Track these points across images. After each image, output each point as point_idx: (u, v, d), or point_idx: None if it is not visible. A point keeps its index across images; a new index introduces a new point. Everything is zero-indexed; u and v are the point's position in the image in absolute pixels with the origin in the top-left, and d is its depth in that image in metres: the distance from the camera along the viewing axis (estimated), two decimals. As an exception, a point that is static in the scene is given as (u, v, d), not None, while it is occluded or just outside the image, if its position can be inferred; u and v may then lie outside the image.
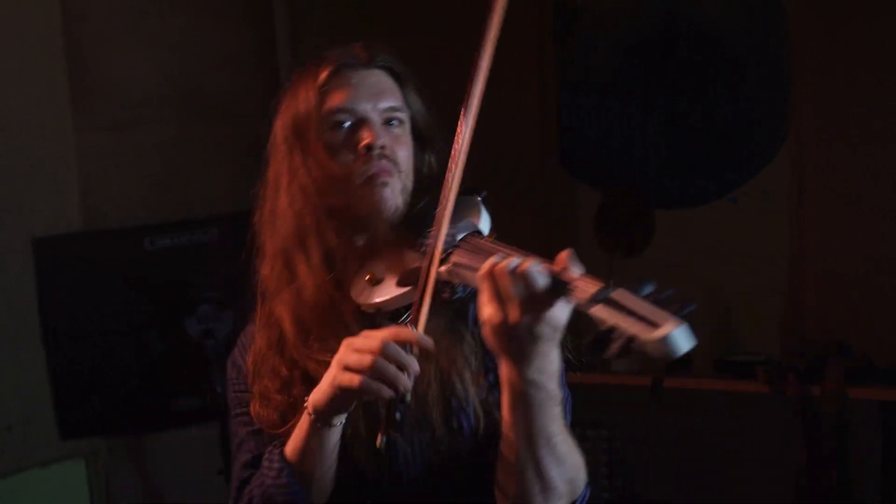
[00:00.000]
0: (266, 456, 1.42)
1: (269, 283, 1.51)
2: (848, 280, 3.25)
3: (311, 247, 1.44)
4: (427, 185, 1.46)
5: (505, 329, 1.14)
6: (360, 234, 1.43)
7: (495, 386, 1.38)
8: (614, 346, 0.97)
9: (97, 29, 3.11)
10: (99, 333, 2.71)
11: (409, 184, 1.44)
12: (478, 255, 1.23)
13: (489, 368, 1.41)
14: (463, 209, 1.38)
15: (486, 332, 1.17)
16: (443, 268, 1.28)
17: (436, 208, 1.36)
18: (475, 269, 1.20)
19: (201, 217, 2.94)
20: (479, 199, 1.43)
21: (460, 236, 1.33)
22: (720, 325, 3.49)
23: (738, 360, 3.31)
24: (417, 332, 1.27)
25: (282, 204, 1.47)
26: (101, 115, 3.14)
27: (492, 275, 1.14)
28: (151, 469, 3.26)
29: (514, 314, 1.13)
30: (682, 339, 0.91)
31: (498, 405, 1.32)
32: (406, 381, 1.26)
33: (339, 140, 1.42)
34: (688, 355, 0.93)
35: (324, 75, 1.43)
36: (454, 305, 1.34)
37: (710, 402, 3.32)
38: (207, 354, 2.67)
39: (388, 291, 1.35)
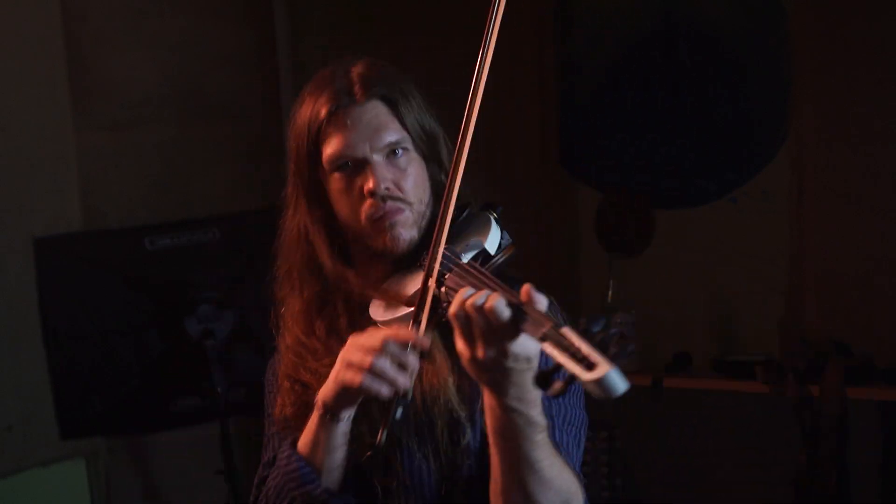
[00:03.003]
0: (279, 451, 1.45)
1: (277, 302, 1.55)
2: (848, 280, 3.25)
3: (300, 285, 1.49)
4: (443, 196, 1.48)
5: (476, 362, 1.16)
6: (380, 259, 1.45)
7: None
8: (557, 385, 1.00)
9: (97, 29, 3.11)
10: (99, 333, 2.71)
11: (424, 207, 1.45)
12: (464, 281, 1.25)
13: None
14: (473, 227, 1.39)
15: (463, 364, 1.19)
16: (442, 289, 1.30)
17: (452, 221, 1.38)
18: None
19: (201, 217, 2.94)
20: (493, 215, 1.43)
21: (468, 256, 1.35)
22: (720, 325, 3.49)
23: (737, 361, 3.31)
24: (417, 332, 1.30)
25: (288, 232, 1.51)
26: (102, 115, 3.14)
27: (459, 312, 1.16)
28: (151, 469, 3.26)
29: (480, 349, 1.15)
30: (615, 382, 0.94)
31: None
32: (405, 381, 1.29)
33: (343, 185, 1.42)
34: (688, 355, 0.95)
35: (321, 118, 1.42)
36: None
37: (709, 402, 3.31)
38: (207, 354, 2.67)
39: (399, 310, 1.37)
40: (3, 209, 2.90)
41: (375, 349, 1.28)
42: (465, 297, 1.16)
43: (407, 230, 1.41)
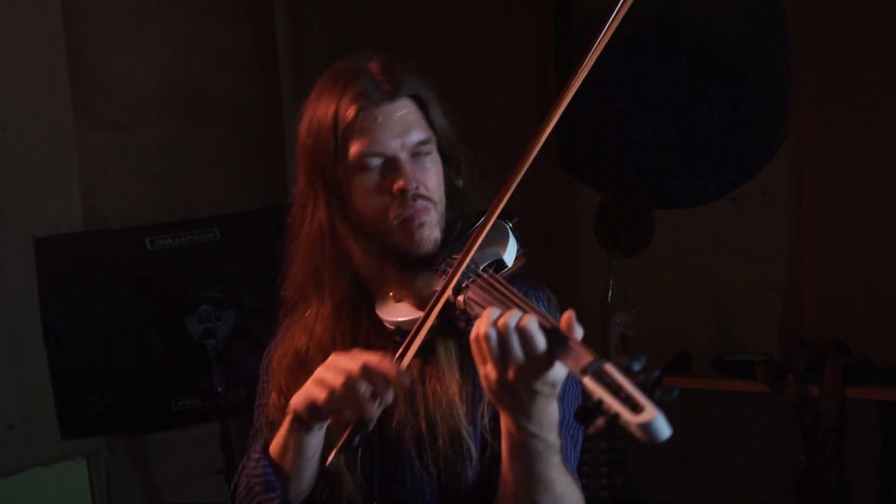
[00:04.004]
0: (252, 447, 1.44)
1: (290, 304, 1.53)
2: (847, 280, 3.25)
3: (324, 286, 1.45)
4: (455, 201, 1.46)
5: (503, 386, 1.13)
6: (395, 258, 1.42)
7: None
8: (599, 422, 0.98)
9: (98, 30, 3.11)
10: (100, 333, 2.71)
11: (443, 207, 1.44)
12: (491, 299, 1.22)
13: None
14: (491, 236, 1.35)
15: (485, 388, 1.16)
16: (459, 297, 1.27)
17: (463, 226, 1.37)
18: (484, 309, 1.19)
19: (202, 217, 2.94)
20: (510, 225, 1.43)
21: (483, 265, 1.32)
22: (720, 325, 3.49)
23: (737, 360, 3.31)
24: (400, 366, 1.26)
25: (303, 234, 1.47)
26: (102, 116, 3.14)
27: (489, 331, 1.12)
28: (152, 469, 3.27)
29: (511, 372, 1.11)
30: (662, 428, 0.93)
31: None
32: (372, 411, 1.26)
33: (371, 184, 1.40)
34: (688, 355, 0.95)
35: (349, 114, 1.38)
36: (468, 333, 1.33)
37: (709, 402, 3.32)
38: (208, 354, 2.67)
39: (408, 312, 1.36)
40: (3, 209, 2.91)
41: (352, 373, 1.26)
42: (496, 315, 1.12)
43: (432, 230, 1.40)
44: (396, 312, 1.37)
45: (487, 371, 1.14)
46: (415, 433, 1.39)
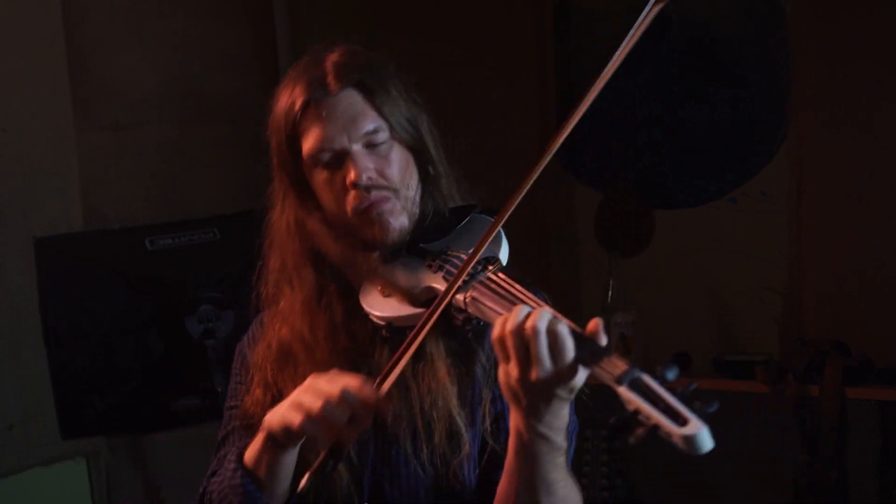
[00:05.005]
0: (227, 455, 1.43)
1: (268, 298, 1.51)
2: (847, 280, 3.25)
3: (293, 278, 1.44)
4: (429, 189, 1.44)
5: (523, 386, 1.12)
6: (369, 249, 1.41)
7: (501, 414, 1.38)
8: (639, 432, 0.96)
9: (98, 30, 3.12)
10: (100, 333, 2.71)
11: (413, 194, 1.41)
12: (500, 298, 1.21)
13: (497, 396, 1.39)
14: (481, 233, 1.34)
15: (502, 384, 1.15)
16: (460, 295, 1.25)
17: (434, 216, 1.35)
18: (495, 310, 1.18)
19: (201, 217, 2.94)
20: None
21: (479, 266, 1.30)
22: (720, 325, 3.49)
23: (737, 360, 3.31)
24: (380, 393, 1.24)
25: (278, 228, 1.47)
26: (102, 116, 3.14)
27: (520, 331, 1.10)
28: (152, 469, 3.27)
29: (536, 373, 1.09)
30: (706, 440, 0.93)
31: (504, 433, 1.33)
32: (348, 437, 1.24)
33: (324, 179, 1.39)
34: (688, 355, 0.95)
35: (297, 111, 1.38)
36: (465, 332, 1.31)
37: (709, 402, 3.32)
38: (208, 354, 2.67)
39: (399, 307, 1.33)
40: (3, 209, 2.91)
41: (330, 397, 1.23)
42: (523, 314, 1.11)
43: (396, 218, 1.38)
44: (386, 307, 1.35)
45: (509, 369, 1.12)
46: (410, 431, 1.38)
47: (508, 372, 1.12)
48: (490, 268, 1.29)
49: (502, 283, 1.24)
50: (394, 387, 1.28)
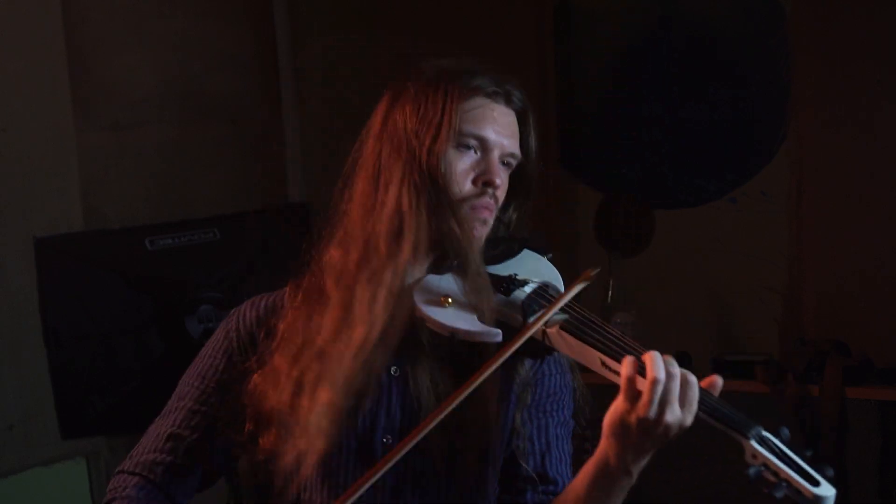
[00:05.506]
0: (151, 435, 1.56)
1: (347, 268, 1.41)
2: (847, 280, 3.25)
3: (404, 243, 1.38)
4: (497, 225, 1.48)
5: (641, 426, 1.18)
6: (438, 250, 1.41)
7: (530, 438, 1.43)
8: (776, 491, 1.10)
9: (98, 29, 3.11)
10: (100, 333, 2.71)
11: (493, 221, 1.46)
12: (588, 336, 1.29)
13: (527, 419, 1.44)
14: (539, 267, 1.46)
15: (612, 419, 1.21)
16: (548, 328, 1.32)
17: (503, 244, 1.44)
18: (577, 351, 1.28)
19: (201, 217, 2.94)
20: (548, 258, 1.51)
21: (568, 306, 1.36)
22: (720, 325, 3.49)
23: (737, 360, 3.31)
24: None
25: (387, 198, 1.39)
26: (102, 116, 3.14)
27: (659, 375, 1.16)
28: (152, 469, 3.26)
29: (662, 418, 1.17)
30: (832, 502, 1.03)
31: (529, 457, 1.40)
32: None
33: (462, 162, 1.40)
34: (688, 355, 0.97)
35: (474, 97, 1.43)
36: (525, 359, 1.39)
37: (709, 402, 3.32)
38: (208, 354, 2.67)
39: (465, 321, 1.33)
40: (3, 209, 2.90)
41: None
42: (661, 361, 1.17)
43: (484, 232, 1.43)
44: (450, 317, 1.34)
45: (637, 409, 1.17)
46: (442, 450, 1.36)
47: (636, 412, 1.18)
48: (576, 307, 1.36)
49: (589, 322, 1.32)
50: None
